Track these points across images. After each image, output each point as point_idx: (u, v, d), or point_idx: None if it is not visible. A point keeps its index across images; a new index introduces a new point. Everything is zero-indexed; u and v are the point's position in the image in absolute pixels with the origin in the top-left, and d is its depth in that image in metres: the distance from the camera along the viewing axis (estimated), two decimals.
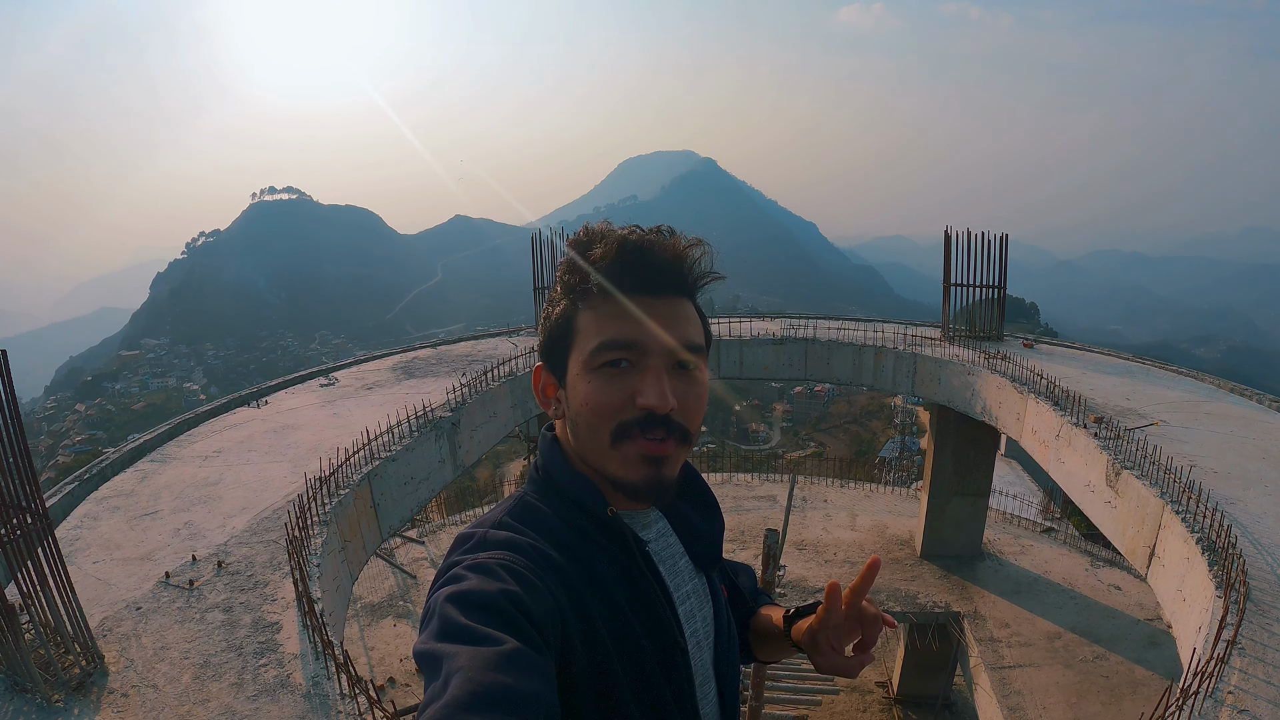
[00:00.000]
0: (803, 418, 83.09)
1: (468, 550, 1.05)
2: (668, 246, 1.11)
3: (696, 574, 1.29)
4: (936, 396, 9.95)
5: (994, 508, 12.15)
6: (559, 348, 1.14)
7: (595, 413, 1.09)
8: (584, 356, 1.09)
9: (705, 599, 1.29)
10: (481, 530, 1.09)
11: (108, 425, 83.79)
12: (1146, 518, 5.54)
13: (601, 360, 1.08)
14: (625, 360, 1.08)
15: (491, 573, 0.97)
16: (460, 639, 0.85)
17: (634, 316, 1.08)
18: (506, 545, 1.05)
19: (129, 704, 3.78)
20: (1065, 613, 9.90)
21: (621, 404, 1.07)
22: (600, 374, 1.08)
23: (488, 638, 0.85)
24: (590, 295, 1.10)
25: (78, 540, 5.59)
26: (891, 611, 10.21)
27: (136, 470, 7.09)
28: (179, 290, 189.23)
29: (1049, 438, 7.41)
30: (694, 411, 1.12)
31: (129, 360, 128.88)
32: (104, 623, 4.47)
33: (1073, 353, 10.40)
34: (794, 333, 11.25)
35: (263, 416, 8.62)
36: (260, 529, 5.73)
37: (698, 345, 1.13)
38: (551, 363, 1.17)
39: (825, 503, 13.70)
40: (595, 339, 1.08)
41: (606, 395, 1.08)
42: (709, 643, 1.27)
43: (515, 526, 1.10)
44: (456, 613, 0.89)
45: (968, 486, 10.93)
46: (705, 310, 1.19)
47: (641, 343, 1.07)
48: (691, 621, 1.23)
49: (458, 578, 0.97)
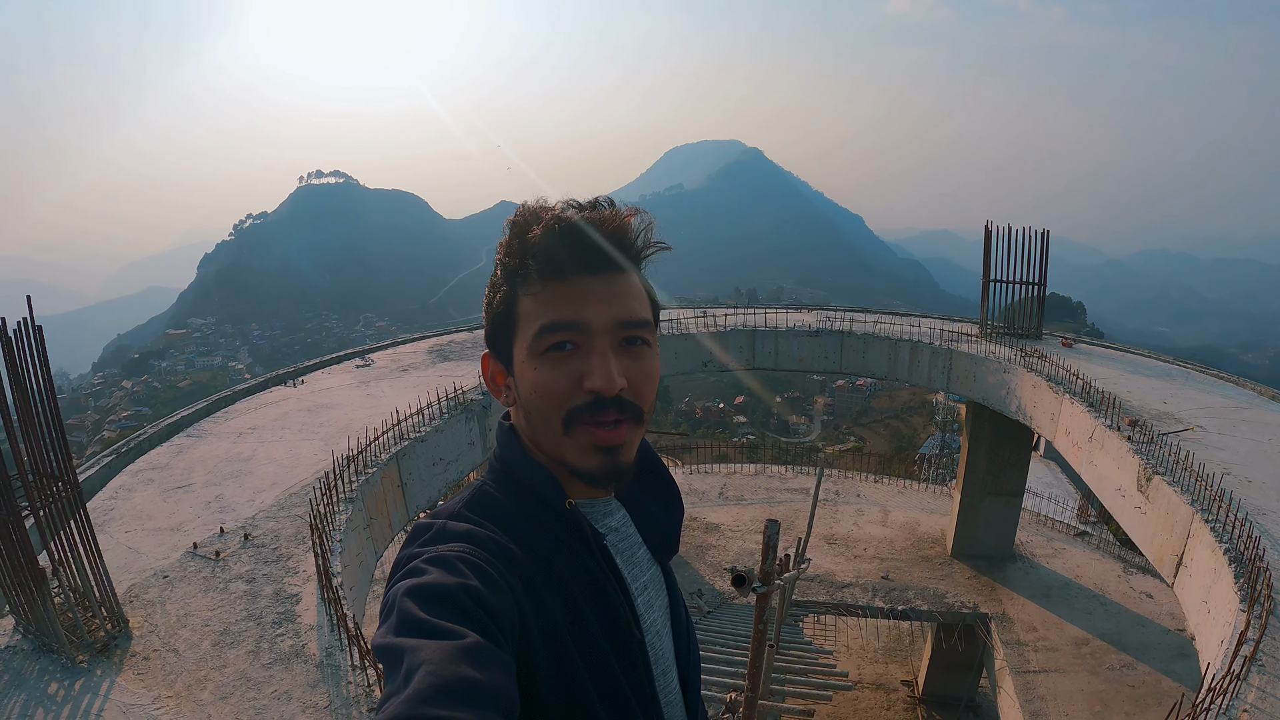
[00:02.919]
0: (844, 411, 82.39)
1: (426, 542, 1.05)
2: (605, 220, 1.07)
3: (653, 563, 1.28)
4: (971, 393, 9.83)
5: (1028, 509, 12.00)
6: (503, 334, 1.12)
7: (544, 400, 1.07)
8: (528, 342, 1.07)
9: (662, 589, 1.29)
10: (440, 521, 1.08)
11: (153, 402, 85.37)
12: (1176, 525, 5.43)
13: (545, 345, 1.05)
14: (570, 343, 1.05)
15: (451, 566, 0.96)
16: (420, 633, 0.85)
17: (574, 297, 1.05)
18: (466, 537, 1.04)
19: (149, 667, 3.89)
20: (1095, 619, 9.74)
21: (570, 389, 1.05)
22: (546, 359, 1.06)
23: (448, 632, 0.85)
24: (529, 278, 1.07)
25: (112, 510, 5.74)
26: (919, 610, 10.15)
27: (173, 445, 7.26)
28: (226, 271, 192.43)
29: (1082, 439, 7.29)
30: (645, 389, 1.10)
31: (175, 339, 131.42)
32: (131, 589, 4.60)
33: (1112, 353, 10.23)
34: (830, 325, 11.18)
35: (298, 395, 8.76)
36: (288, 504, 5.84)
37: (644, 320, 1.10)
38: (497, 350, 1.15)
39: (858, 497, 13.61)
40: (537, 323, 1.06)
41: (553, 381, 1.06)
42: (667, 631, 1.27)
43: (473, 518, 1.09)
44: (416, 607, 0.89)
45: (1001, 486, 10.79)
46: (749, 300, 1.14)
47: (584, 323, 1.05)
48: (650, 612, 1.22)
49: (417, 571, 0.96)
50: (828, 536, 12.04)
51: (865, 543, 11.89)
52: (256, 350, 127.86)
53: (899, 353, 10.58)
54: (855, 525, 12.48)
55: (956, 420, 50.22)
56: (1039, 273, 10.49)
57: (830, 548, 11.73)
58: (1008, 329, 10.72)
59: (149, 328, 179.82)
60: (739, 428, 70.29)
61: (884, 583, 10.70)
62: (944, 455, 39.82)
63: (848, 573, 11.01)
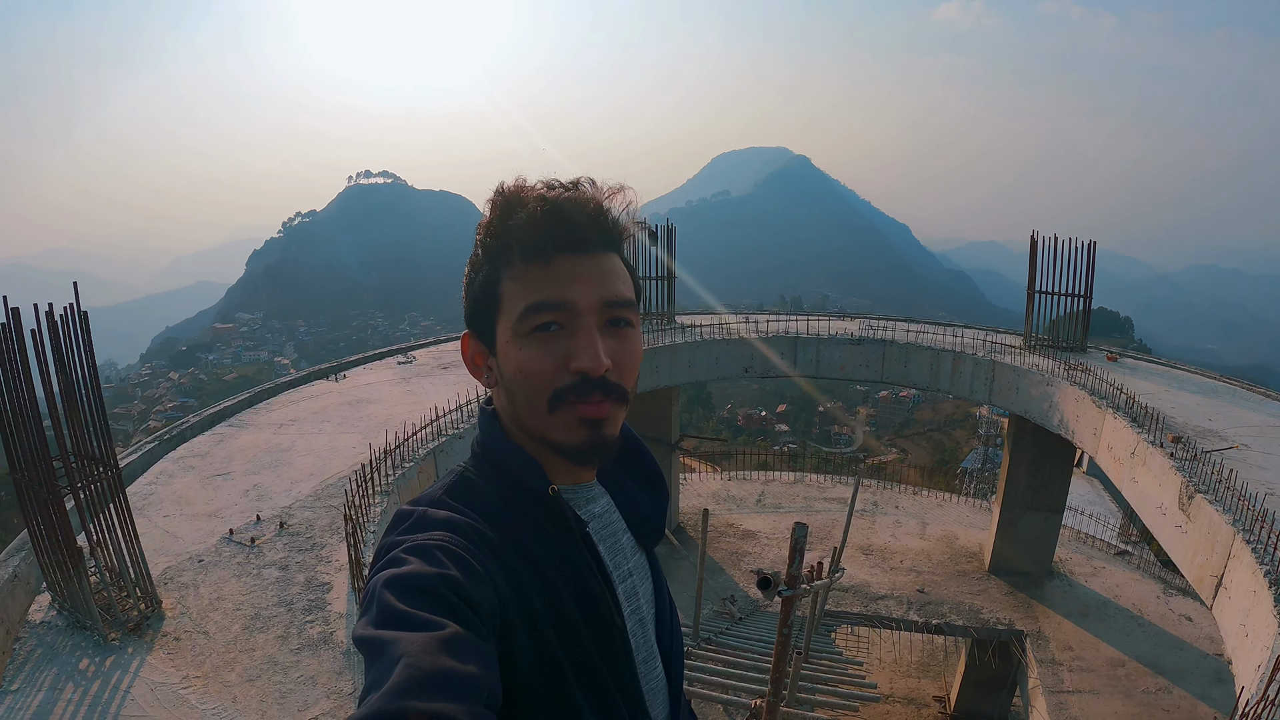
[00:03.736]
0: (886, 422, 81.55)
1: (406, 530, 1.04)
2: (589, 200, 1.06)
3: (638, 550, 1.28)
4: (1014, 406, 9.69)
5: (1068, 525, 11.77)
6: (485, 315, 1.10)
7: (529, 380, 1.06)
8: (512, 322, 1.06)
9: (646, 575, 1.28)
10: (420, 509, 1.07)
11: (199, 393, 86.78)
12: (1216, 545, 5.29)
13: (531, 325, 1.05)
14: (555, 323, 1.05)
15: (429, 556, 0.95)
16: (399, 625, 0.84)
17: (560, 277, 1.04)
18: (445, 525, 1.02)
19: (179, 647, 3.97)
20: (1132, 640, 9.52)
21: (555, 369, 1.04)
22: (531, 339, 1.05)
23: (427, 623, 0.84)
24: (513, 259, 1.06)
25: (152, 495, 5.87)
26: (954, 625, 10.00)
27: (214, 434, 7.41)
28: (274, 267, 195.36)
29: (1124, 455, 7.14)
30: (629, 369, 1.09)
31: (223, 333, 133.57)
32: (167, 572, 4.70)
33: (1157, 368, 10.02)
34: (872, 333, 11.10)
35: (339, 390, 8.90)
36: (324, 494, 5.94)
37: (628, 300, 1.09)
38: (479, 330, 1.13)
39: (897, 509, 13.47)
40: (522, 303, 1.05)
41: (539, 361, 1.05)
42: (651, 619, 1.26)
43: (454, 505, 1.08)
44: (394, 598, 0.88)
45: (1041, 501, 10.60)
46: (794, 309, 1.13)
47: (570, 303, 1.04)
48: (633, 599, 1.22)
49: (396, 561, 0.95)
50: (864, 547, 11.93)
51: (902, 555, 11.75)
52: (302, 346, 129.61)
53: (941, 363, 10.46)
54: (893, 537, 12.35)
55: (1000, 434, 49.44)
56: (1085, 285, 10.32)
57: (866, 558, 11.61)
58: (1052, 342, 10.55)
59: (197, 321, 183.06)
60: (780, 436, 69.94)
61: (919, 596, 10.56)
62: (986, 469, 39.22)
63: (883, 584, 10.89)
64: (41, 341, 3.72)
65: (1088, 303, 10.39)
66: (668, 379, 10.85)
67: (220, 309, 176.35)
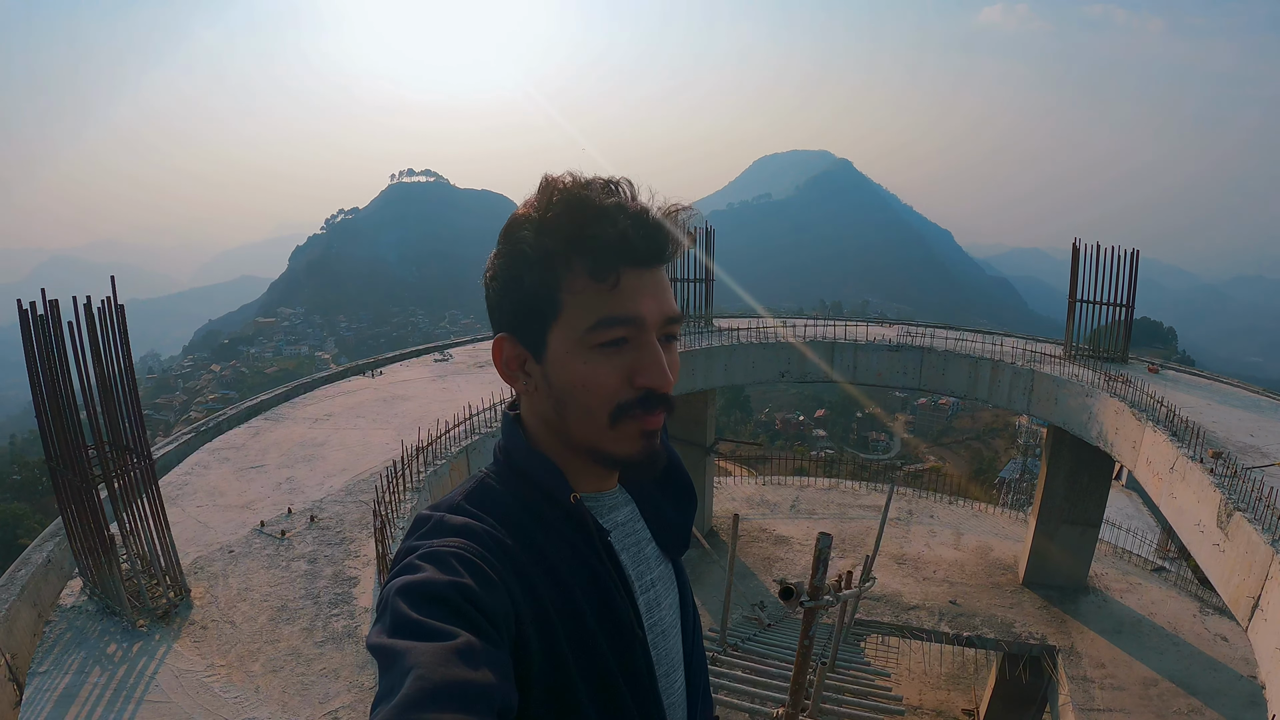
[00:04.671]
0: (924, 430, 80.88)
1: (423, 535, 1.03)
2: (664, 217, 1.05)
3: (663, 560, 1.25)
4: (1052, 417, 9.53)
5: (1105, 540, 11.55)
6: (534, 319, 1.06)
7: (592, 394, 1.04)
8: (577, 334, 1.03)
9: (671, 585, 1.26)
10: (439, 514, 1.06)
11: (240, 386, 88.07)
12: (1254, 565, 5.16)
13: (602, 339, 1.02)
14: (624, 338, 1.03)
15: (444, 563, 0.94)
16: (411, 634, 0.84)
17: (631, 290, 1.02)
18: (462, 531, 1.02)
19: (206, 635, 4.04)
20: (1166, 659, 9.30)
21: (620, 383, 1.04)
22: (599, 353, 1.03)
23: (439, 632, 0.84)
24: (579, 267, 1.03)
25: (186, 485, 5.98)
26: (985, 639, 9.87)
27: (250, 426, 7.53)
28: (316, 263, 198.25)
29: (1163, 469, 6.99)
30: (674, 380, 1.09)
31: (265, 326, 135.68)
32: (197, 561, 4.78)
33: (1200, 381, 9.81)
34: (911, 340, 10.99)
35: (376, 386, 8.99)
36: (356, 489, 6.00)
37: (681, 316, 1.10)
38: (524, 335, 1.08)
39: (932, 518, 13.30)
40: (593, 315, 1.02)
41: (606, 375, 1.03)
42: (675, 630, 1.24)
43: (472, 511, 1.07)
44: (407, 607, 0.87)
45: (1078, 515, 10.41)
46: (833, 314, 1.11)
47: (641, 318, 1.03)
48: (656, 610, 1.20)
49: (411, 567, 0.95)
50: (897, 556, 11.80)
51: (935, 565, 11.61)
52: (343, 341, 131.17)
53: (980, 371, 10.32)
54: (926, 546, 12.20)
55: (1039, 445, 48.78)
56: (1128, 294, 10.11)
57: (899, 568, 11.49)
58: (1093, 352, 10.37)
59: (239, 314, 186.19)
60: (817, 441, 69.63)
61: (951, 607, 10.43)
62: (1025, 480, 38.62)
63: (915, 594, 10.77)
64: (79, 333, 3.80)
65: (1130, 312, 10.19)
66: (704, 382, 10.82)
67: (263, 303, 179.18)
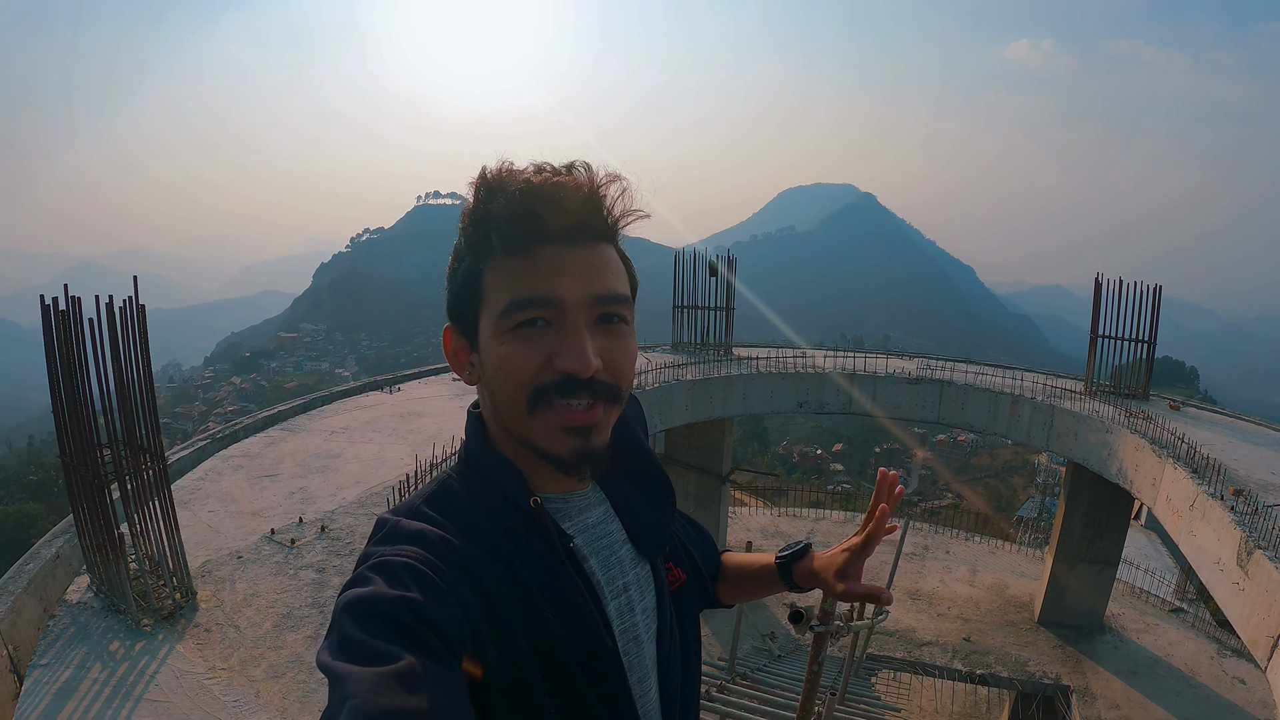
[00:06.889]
0: (943, 467, 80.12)
1: (378, 542, 0.99)
2: (581, 186, 0.99)
3: (639, 562, 1.19)
4: (1071, 453, 9.44)
5: (1123, 579, 11.38)
6: (467, 307, 1.04)
7: (509, 378, 1.00)
8: (495, 317, 1.00)
9: (648, 588, 1.20)
10: (395, 519, 1.02)
11: (260, 399, 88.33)
12: (1274, 604, 5.06)
13: (515, 321, 0.98)
14: (542, 319, 0.99)
15: (394, 575, 0.90)
16: (353, 657, 0.79)
17: (546, 270, 0.98)
18: (416, 539, 0.97)
19: (209, 638, 4.04)
20: (1181, 701, 9.12)
21: (538, 367, 0.99)
22: (515, 335, 0.99)
23: (380, 655, 0.79)
24: (494, 249, 1.00)
25: (199, 490, 6.01)
26: (998, 677, 9.71)
27: (266, 436, 7.57)
28: (340, 281, 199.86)
29: (1183, 507, 6.89)
30: (623, 368, 1.03)
31: (286, 341, 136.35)
32: (205, 565, 4.79)
33: (1221, 419, 9.70)
34: (930, 373, 10.94)
35: (393, 401, 9.03)
36: (368, 501, 6.01)
37: (622, 295, 1.03)
38: (461, 324, 1.07)
39: (947, 554, 13.16)
40: (505, 297, 0.99)
41: (521, 358, 0.99)
42: (650, 635, 1.18)
43: (430, 515, 1.03)
44: (351, 624, 0.83)
45: (1096, 553, 10.26)
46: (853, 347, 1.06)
47: (557, 298, 0.98)
48: (629, 615, 1.14)
49: (361, 579, 0.90)
50: (912, 591, 11.67)
51: (950, 601, 11.47)
52: (364, 359, 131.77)
53: (999, 406, 10.24)
54: (941, 582, 12.06)
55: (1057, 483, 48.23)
56: (1149, 330, 10.04)
57: (913, 603, 11.36)
58: (1114, 388, 10.28)
59: (262, 328, 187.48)
60: (835, 475, 69.11)
61: (965, 644, 10.28)
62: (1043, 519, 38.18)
63: (928, 630, 10.63)
64: (100, 332, 3.84)
65: (1152, 348, 10.11)
66: (721, 410, 10.79)
67: (285, 318, 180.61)
